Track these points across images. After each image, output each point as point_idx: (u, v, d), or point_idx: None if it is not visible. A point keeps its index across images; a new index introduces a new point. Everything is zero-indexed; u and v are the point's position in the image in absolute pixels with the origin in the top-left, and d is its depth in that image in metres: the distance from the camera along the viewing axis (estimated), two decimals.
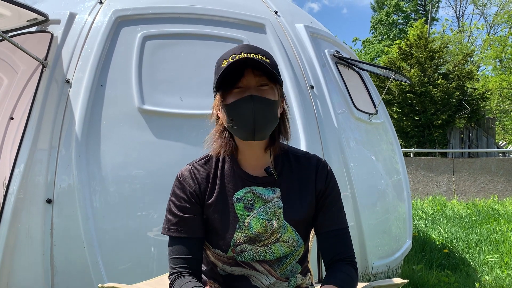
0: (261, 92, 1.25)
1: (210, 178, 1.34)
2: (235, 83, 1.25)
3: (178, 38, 2.86)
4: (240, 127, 1.25)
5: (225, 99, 1.26)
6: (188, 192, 1.32)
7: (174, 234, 1.31)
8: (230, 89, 1.26)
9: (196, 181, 1.33)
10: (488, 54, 22.30)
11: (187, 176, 1.34)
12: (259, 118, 1.23)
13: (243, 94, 1.24)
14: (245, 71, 1.24)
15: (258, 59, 1.22)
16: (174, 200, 1.33)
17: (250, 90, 1.24)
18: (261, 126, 1.24)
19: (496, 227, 5.69)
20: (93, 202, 2.44)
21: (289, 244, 1.33)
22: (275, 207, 1.31)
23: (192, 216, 1.31)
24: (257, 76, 1.25)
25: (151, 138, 2.56)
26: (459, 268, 3.91)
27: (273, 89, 1.28)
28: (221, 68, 1.24)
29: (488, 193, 8.69)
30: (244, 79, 1.25)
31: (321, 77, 3.15)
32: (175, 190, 1.34)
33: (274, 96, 1.27)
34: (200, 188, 1.33)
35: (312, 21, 3.75)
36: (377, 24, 34.75)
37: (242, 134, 1.27)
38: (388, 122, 4.09)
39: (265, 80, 1.26)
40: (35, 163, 2.49)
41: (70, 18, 2.87)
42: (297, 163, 1.38)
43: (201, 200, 1.33)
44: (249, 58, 1.21)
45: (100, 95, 2.61)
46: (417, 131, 13.32)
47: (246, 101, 1.23)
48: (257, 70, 1.25)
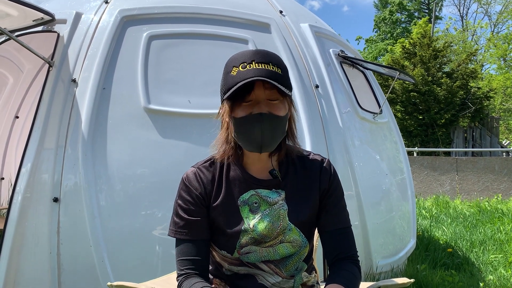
0: (271, 107, 1.23)
1: (215, 181, 1.34)
2: (244, 95, 1.23)
3: (183, 37, 2.87)
4: (248, 142, 1.26)
5: (234, 111, 1.25)
6: (194, 195, 1.32)
7: (181, 237, 1.32)
8: (240, 101, 1.24)
9: (201, 183, 1.33)
10: (493, 53, 22.20)
11: (192, 178, 1.34)
12: (267, 135, 1.23)
13: (252, 109, 1.23)
14: (255, 83, 1.22)
15: (270, 70, 1.21)
16: (180, 203, 1.33)
17: (259, 105, 1.22)
18: (268, 143, 1.25)
19: (500, 226, 5.68)
20: (99, 200, 2.45)
21: (294, 245, 1.34)
22: (280, 210, 1.31)
23: (198, 218, 1.32)
24: (267, 89, 1.23)
25: (157, 138, 2.57)
26: (463, 267, 3.91)
27: (283, 102, 1.26)
28: (231, 76, 1.23)
29: (492, 193, 8.67)
30: (254, 93, 1.23)
31: (326, 77, 3.15)
32: (181, 192, 1.34)
33: (284, 110, 1.26)
34: (205, 190, 1.33)
35: (317, 20, 3.75)
36: (381, 23, 34.67)
37: (248, 148, 1.28)
38: (392, 121, 4.09)
39: (276, 93, 1.24)
40: (41, 162, 2.51)
41: (76, 17, 2.88)
42: (302, 164, 1.39)
43: (207, 202, 1.33)
44: (260, 77, 1.18)
45: (106, 95, 2.62)
46: (421, 130, 13.29)
47: (255, 119, 1.22)
48: (267, 83, 1.22)
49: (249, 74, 1.20)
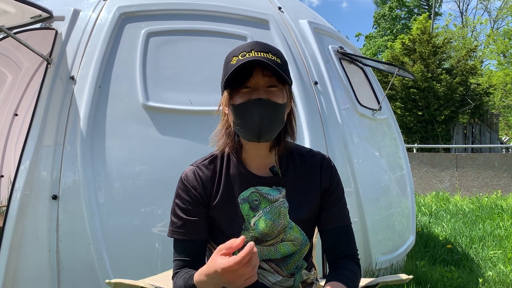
0: (269, 94, 1.23)
1: (215, 179, 1.33)
2: (243, 82, 1.23)
3: (182, 34, 2.86)
4: (246, 129, 1.24)
5: (233, 98, 1.25)
6: (193, 195, 1.30)
7: (178, 237, 1.30)
8: (238, 88, 1.24)
9: (200, 182, 1.31)
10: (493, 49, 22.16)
11: (191, 178, 1.32)
12: (265, 122, 1.22)
13: (251, 96, 1.22)
14: (254, 70, 1.22)
15: (269, 58, 1.20)
16: (179, 203, 1.31)
17: (258, 91, 1.22)
18: (267, 130, 1.23)
19: (499, 222, 5.68)
20: (98, 198, 2.45)
21: (295, 243, 1.33)
22: (280, 207, 1.30)
23: (196, 218, 1.30)
24: (266, 76, 1.23)
25: (156, 135, 2.57)
26: (462, 263, 3.92)
27: (282, 90, 1.26)
28: (231, 65, 1.22)
29: (491, 189, 8.68)
30: (253, 79, 1.23)
31: (325, 73, 3.14)
32: (179, 192, 1.32)
33: (283, 99, 1.25)
34: (205, 190, 1.31)
35: (316, 16, 3.74)
36: (380, 19, 34.60)
37: (247, 136, 1.26)
38: (391, 118, 4.09)
39: (275, 81, 1.24)
40: (40, 160, 2.51)
41: (74, 14, 2.87)
42: (302, 161, 1.38)
43: (206, 202, 1.31)
44: (259, 59, 1.19)
45: (105, 92, 2.62)
46: (420, 127, 13.29)
47: (254, 104, 1.21)
48: (266, 70, 1.23)
49: (248, 62, 1.20)
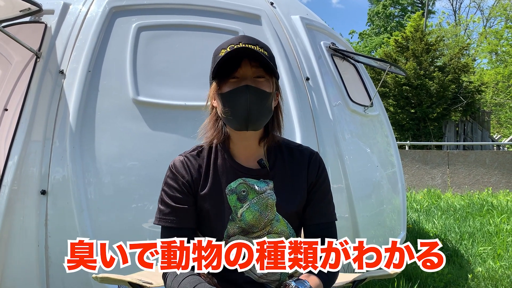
0: (256, 83, 1.26)
1: (202, 170, 1.34)
2: (231, 72, 1.26)
3: (173, 29, 2.84)
4: (234, 117, 1.26)
5: (221, 88, 1.28)
6: (181, 182, 1.32)
7: (166, 224, 1.32)
8: (226, 79, 1.27)
9: (189, 171, 1.33)
10: (484, 47, 22.30)
11: (179, 166, 1.34)
12: (253, 108, 1.24)
13: (239, 84, 1.25)
14: (242, 61, 1.26)
15: (256, 50, 1.23)
16: (167, 190, 1.33)
17: (246, 80, 1.25)
18: (255, 117, 1.25)
19: (489, 219, 5.73)
20: (88, 193, 2.43)
21: (281, 236, 1.34)
22: (268, 199, 1.31)
23: (185, 206, 1.31)
24: (253, 67, 1.26)
25: (146, 130, 2.55)
26: (452, 259, 3.95)
27: (268, 81, 1.29)
28: (219, 57, 1.25)
29: (483, 186, 8.75)
30: (241, 69, 1.26)
31: (317, 69, 3.14)
32: (168, 180, 1.34)
33: (270, 88, 1.28)
34: (192, 178, 1.33)
35: (308, 12, 3.74)
36: (374, 17, 34.67)
37: (235, 124, 1.28)
38: (383, 114, 4.09)
39: (262, 72, 1.27)
40: (29, 155, 2.48)
41: (64, 8, 2.84)
42: (290, 155, 1.39)
43: (194, 191, 1.33)
44: (247, 48, 1.22)
45: (95, 86, 2.59)
46: (413, 124, 13.35)
47: (242, 91, 1.23)
48: (254, 61, 1.26)
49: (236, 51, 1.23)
